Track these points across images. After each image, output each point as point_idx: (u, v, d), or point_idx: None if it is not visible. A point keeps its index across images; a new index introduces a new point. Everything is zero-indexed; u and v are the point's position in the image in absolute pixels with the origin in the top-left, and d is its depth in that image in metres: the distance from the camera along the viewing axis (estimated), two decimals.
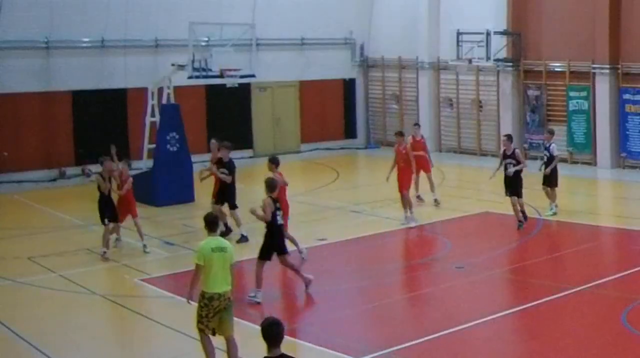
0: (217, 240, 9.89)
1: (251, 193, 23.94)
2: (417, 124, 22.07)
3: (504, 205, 20.12)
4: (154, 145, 21.93)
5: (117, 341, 11.56)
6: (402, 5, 30.36)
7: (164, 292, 13.52)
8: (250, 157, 29.15)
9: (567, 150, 26.05)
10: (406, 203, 18.13)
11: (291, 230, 18.01)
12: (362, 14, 31.60)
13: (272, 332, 6.63)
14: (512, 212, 19.56)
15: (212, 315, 9.67)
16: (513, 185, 17.55)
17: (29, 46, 24.52)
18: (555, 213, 18.72)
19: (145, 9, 25.96)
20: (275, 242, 12.96)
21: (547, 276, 13.97)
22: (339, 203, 20.53)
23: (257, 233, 15.01)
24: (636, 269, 14.05)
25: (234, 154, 28.71)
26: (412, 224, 17.89)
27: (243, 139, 29.16)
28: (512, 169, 17.43)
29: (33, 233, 17.72)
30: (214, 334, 9.81)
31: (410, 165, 18.28)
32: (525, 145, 27.19)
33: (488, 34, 25.94)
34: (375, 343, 11.09)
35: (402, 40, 30.18)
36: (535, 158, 26.92)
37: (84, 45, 25.60)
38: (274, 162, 15.55)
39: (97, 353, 10.97)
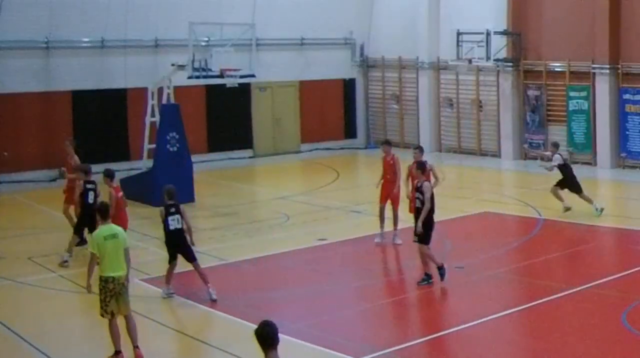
0: (108, 228, 10.46)
1: (251, 193, 24.02)
2: (418, 148, 16.43)
3: (504, 205, 20.16)
4: (154, 145, 21.93)
5: None
6: (402, 5, 30.36)
7: None
8: (250, 157, 29.18)
9: (567, 150, 26.06)
10: (382, 218, 16.39)
11: (292, 230, 18.07)
12: (362, 14, 31.59)
13: (264, 333, 6.53)
14: (512, 212, 19.62)
15: (109, 298, 10.28)
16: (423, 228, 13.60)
17: (29, 46, 24.53)
18: (600, 214, 18.30)
19: (145, 9, 25.96)
20: (170, 247, 13.09)
21: (547, 276, 13.97)
22: (339, 203, 20.52)
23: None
24: (636, 269, 14.05)
25: (234, 154, 28.99)
26: (377, 240, 16.44)
27: (243, 139, 29.21)
28: (422, 217, 13.47)
29: (33, 233, 17.71)
30: (112, 317, 10.34)
31: (396, 178, 16.19)
32: (525, 145, 27.21)
33: (488, 34, 25.95)
34: (375, 343, 11.08)
35: (402, 40, 30.18)
36: (535, 158, 27.00)
37: (84, 45, 25.61)
38: (108, 175, 14.32)
39: (96, 353, 10.96)
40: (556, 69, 26.17)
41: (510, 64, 27.01)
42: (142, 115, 23.12)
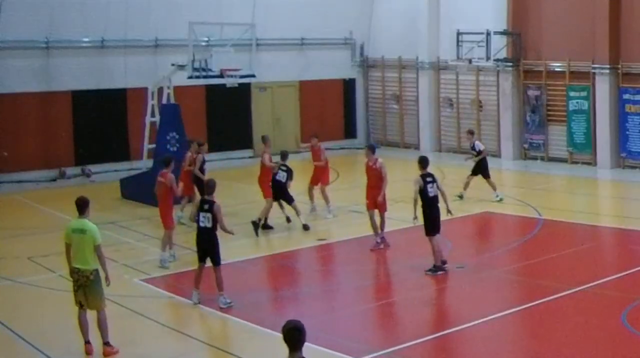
0: (79, 223, 10.79)
1: (251, 193, 24.00)
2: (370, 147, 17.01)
3: (504, 205, 20.15)
4: (154, 145, 21.92)
5: (117, 341, 11.53)
6: (402, 5, 30.36)
7: (164, 292, 13.53)
8: (250, 157, 29.15)
9: (567, 150, 26.07)
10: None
11: (292, 230, 18.08)
12: (362, 14, 31.59)
13: (293, 337, 6.65)
14: (512, 212, 19.64)
15: (76, 288, 10.75)
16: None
17: (29, 46, 24.51)
18: (501, 200, 20.15)
19: (145, 9, 25.95)
20: (198, 247, 12.82)
21: (547, 276, 13.97)
22: (339, 203, 20.47)
23: None
24: (636, 269, 14.06)
25: (234, 154, 28.95)
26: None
27: (243, 139, 29.18)
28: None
29: (33, 233, 17.72)
30: (81, 307, 10.80)
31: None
32: (525, 145, 27.21)
33: (488, 34, 25.93)
34: (375, 343, 11.09)
35: (402, 40, 30.18)
36: (535, 158, 27.03)
37: (84, 45, 25.60)
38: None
39: (96, 354, 10.97)
40: (556, 69, 26.17)
41: (510, 64, 27.00)
42: (142, 115, 23.13)
